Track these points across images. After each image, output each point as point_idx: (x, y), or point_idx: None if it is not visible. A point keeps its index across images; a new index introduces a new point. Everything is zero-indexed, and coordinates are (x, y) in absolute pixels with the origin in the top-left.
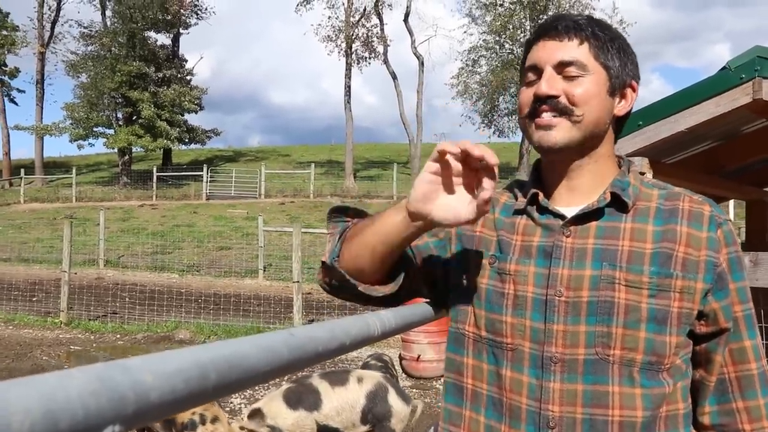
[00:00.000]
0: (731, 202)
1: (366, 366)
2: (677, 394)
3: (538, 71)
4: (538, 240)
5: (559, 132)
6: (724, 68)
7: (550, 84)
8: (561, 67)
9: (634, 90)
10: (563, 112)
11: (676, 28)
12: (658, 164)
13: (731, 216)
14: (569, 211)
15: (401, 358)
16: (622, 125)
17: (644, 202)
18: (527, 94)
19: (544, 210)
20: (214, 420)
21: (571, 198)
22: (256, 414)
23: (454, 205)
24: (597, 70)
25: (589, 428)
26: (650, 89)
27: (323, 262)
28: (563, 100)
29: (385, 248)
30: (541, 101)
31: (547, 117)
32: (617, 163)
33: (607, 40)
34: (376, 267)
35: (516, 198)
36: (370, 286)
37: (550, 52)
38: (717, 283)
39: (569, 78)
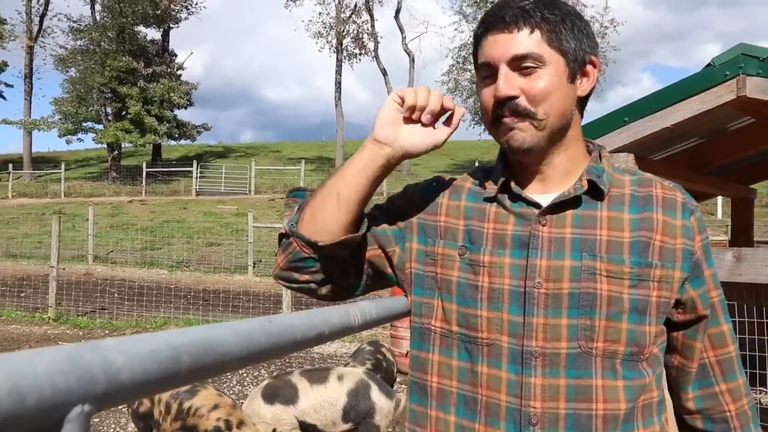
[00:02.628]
0: (719, 199)
1: (358, 352)
2: (653, 383)
3: (492, 69)
4: (512, 229)
5: (525, 132)
6: (708, 65)
7: (507, 83)
8: (515, 61)
9: (594, 66)
10: (525, 115)
11: (668, 28)
12: (644, 161)
13: (719, 214)
14: (542, 199)
15: None
16: (586, 103)
17: (617, 188)
18: (487, 96)
19: (516, 198)
20: (240, 425)
21: (544, 185)
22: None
23: (420, 131)
24: (554, 59)
25: (573, 423)
26: (641, 88)
27: (280, 236)
28: (522, 101)
29: (351, 191)
30: (502, 103)
31: (509, 121)
32: (586, 147)
33: (558, 21)
34: (342, 215)
35: (483, 185)
36: (334, 242)
37: (501, 47)
38: (693, 271)
39: (526, 73)
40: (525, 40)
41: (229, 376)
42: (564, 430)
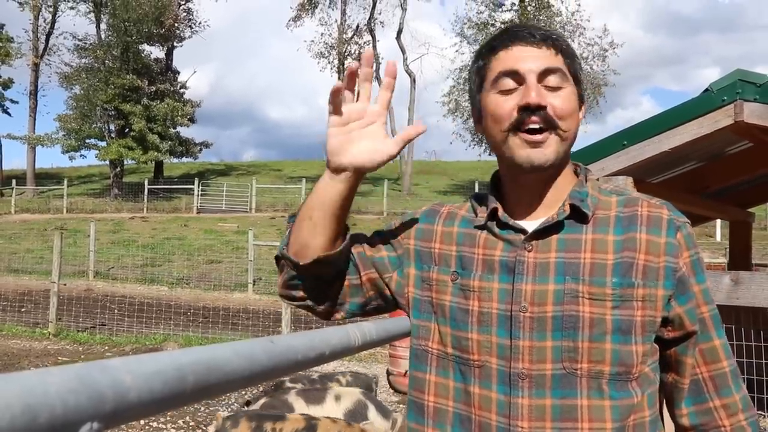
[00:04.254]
0: (718, 222)
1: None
2: (644, 402)
3: (518, 77)
4: (500, 255)
5: (549, 148)
6: (706, 90)
7: (540, 93)
8: (545, 75)
9: (583, 103)
10: (551, 125)
11: (667, 52)
12: (643, 184)
13: (718, 236)
14: (530, 225)
15: (389, 373)
16: None
17: (603, 210)
18: (507, 104)
19: (504, 225)
20: None
21: (533, 211)
22: None
23: (370, 147)
24: (571, 84)
25: None
26: (641, 110)
27: (276, 258)
28: (551, 111)
29: (322, 212)
30: (530, 112)
31: (537, 134)
32: (574, 170)
33: (575, 56)
34: (317, 236)
35: (475, 212)
36: (311, 261)
37: (532, 58)
38: (678, 288)
39: (551, 88)
40: (554, 57)
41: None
42: None
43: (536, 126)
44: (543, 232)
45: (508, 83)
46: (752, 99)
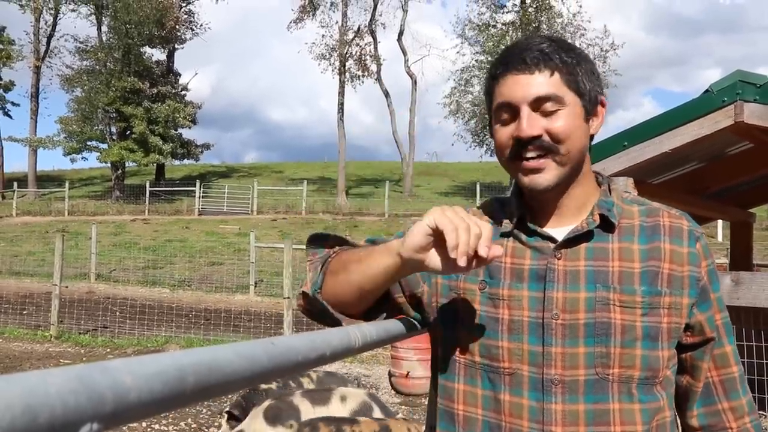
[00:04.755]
0: (719, 223)
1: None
2: (666, 404)
3: (513, 109)
4: (529, 263)
5: (549, 174)
6: (707, 91)
7: (531, 125)
8: (537, 103)
9: (603, 105)
10: (548, 150)
11: (669, 53)
12: (643, 184)
13: (719, 237)
14: (556, 233)
15: (390, 375)
16: (593, 140)
17: (627, 219)
18: (505, 135)
19: (532, 232)
20: None
21: (558, 219)
22: None
23: (449, 258)
24: (572, 101)
25: None
26: (642, 111)
27: (304, 293)
28: (546, 138)
29: (373, 287)
30: (523, 144)
31: (534, 161)
32: (595, 179)
33: (575, 64)
34: (361, 303)
35: (499, 219)
36: (353, 320)
37: (523, 88)
38: (701, 296)
39: (547, 113)
40: (546, 82)
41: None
42: None
43: (533, 154)
44: (572, 241)
45: (505, 115)
46: (752, 100)
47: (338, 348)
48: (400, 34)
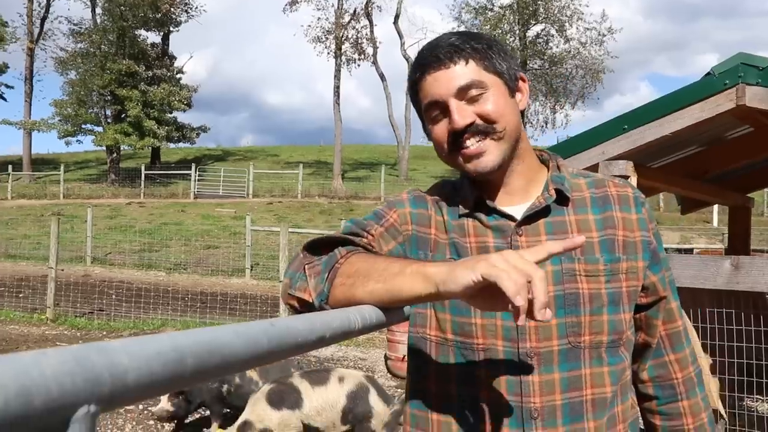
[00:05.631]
0: (714, 208)
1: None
2: (628, 363)
3: (441, 105)
4: (493, 242)
5: (491, 154)
6: (708, 74)
7: (462, 114)
8: (462, 92)
9: (524, 81)
10: (485, 132)
11: (667, 37)
12: (643, 168)
13: (715, 222)
14: (512, 210)
15: (386, 358)
16: (524, 116)
17: (577, 192)
18: (440, 131)
19: (491, 211)
20: None
21: (508, 198)
22: (245, 426)
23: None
24: (493, 82)
25: (569, 411)
26: (639, 96)
27: (303, 299)
28: (479, 122)
29: (392, 304)
30: (459, 134)
31: (473, 146)
32: (540, 157)
33: (486, 49)
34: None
35: (455, 201)
36: None
37: (444, 83)
38: (653, 258)
39: (473, 100)
40: (464, 71)
41: None
42: (561, 419)
43: (471, 141)
44: (531, 217)
45: (435, 112)
46: (754, 83)
47: (338, 330)
48: (397, 17)
